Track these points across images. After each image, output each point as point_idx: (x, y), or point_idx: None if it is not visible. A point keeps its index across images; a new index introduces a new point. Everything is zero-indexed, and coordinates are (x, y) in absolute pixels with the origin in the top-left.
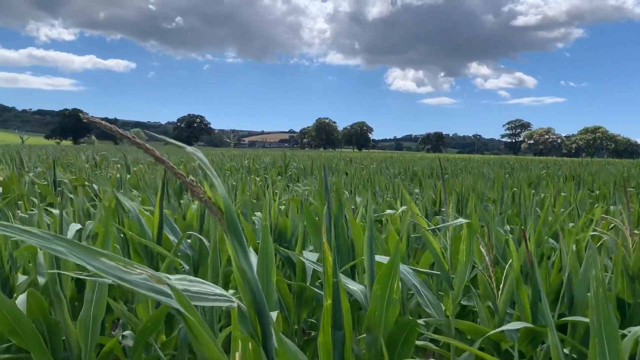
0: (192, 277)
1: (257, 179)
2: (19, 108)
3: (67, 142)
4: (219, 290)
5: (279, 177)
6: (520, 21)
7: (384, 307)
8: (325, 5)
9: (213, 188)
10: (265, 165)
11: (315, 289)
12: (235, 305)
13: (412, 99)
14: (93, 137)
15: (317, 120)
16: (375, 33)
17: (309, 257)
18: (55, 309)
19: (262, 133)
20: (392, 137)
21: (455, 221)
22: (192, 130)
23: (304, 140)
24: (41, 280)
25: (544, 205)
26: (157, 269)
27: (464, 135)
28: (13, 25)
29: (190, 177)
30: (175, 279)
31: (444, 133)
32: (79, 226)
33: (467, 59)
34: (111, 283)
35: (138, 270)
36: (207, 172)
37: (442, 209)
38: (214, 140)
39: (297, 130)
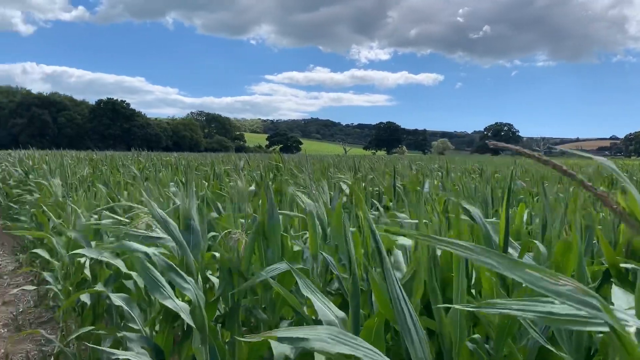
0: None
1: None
2: (343, 123)
3: (381, 152)
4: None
5: (609, 189)
6: None
7: None
8: None
9: (627, 198)
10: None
11: None
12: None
13: None
14: (404, 148)
15: None
16: None
17: None
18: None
19: (577, 140)
20: None
21: None
22: (499, 138)
23: (630, 147)
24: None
25: None
26: None
27: None
28: (340, 51)
29: (601, 188)
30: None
31: None
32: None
33: None
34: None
35: (562, 281)
36: (622, 182)
37: None
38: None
39: (621, 136)
